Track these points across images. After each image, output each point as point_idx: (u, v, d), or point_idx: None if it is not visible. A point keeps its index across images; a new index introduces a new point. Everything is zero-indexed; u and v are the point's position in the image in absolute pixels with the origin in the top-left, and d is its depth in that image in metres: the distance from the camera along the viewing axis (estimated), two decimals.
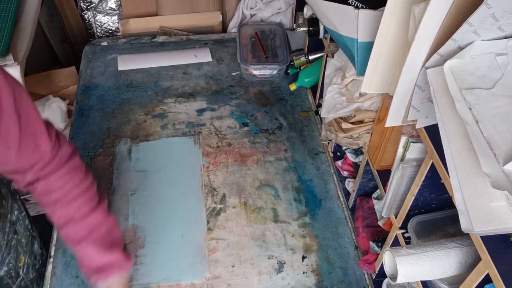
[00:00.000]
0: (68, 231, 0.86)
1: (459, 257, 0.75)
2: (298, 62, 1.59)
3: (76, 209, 0.85)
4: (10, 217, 1.04)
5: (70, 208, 0.84)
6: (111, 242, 0.89)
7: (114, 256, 0.88)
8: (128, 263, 0.91)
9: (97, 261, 0.87)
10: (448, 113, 0.63)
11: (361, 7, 0.90)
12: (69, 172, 0.84)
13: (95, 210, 0.87)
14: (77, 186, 0.84)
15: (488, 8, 0.56)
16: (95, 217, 0.86)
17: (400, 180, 0.89)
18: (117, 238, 0.91)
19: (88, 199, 0.86)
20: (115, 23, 1.89)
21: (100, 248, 0.86)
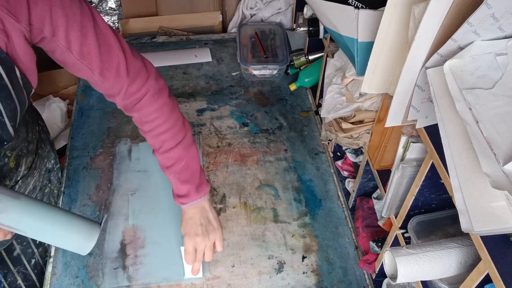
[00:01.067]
0: (157, 157, 1.02)
1: (459, 257, 0.75)
2: (298, 62, 1.59)
3: (161, 143, 0.98)
4: (47, 163, 1.10)
5: (157, 140, 0.98)
6: (187, 176, 1.02)
7: (187, 189, 1.02)
8: (199, 194, 1.03)
9: (175, 190, 1.04)
10: (448, 113, 0.63)
11: (361, 7, 0.90)
12: (159, 108, 0.94)
13: (178, 145, 0.99)
14: (164, 123, 0.96)
15: (488, 8, 0.56)
16: (177, 152, 0.99)
17: (400, 180, 0.89)
18: (193, 172, 1.03)
19: (174, 135, 0.98)
20: (115, 23, 1.89)
21: (178, 180, 1.01)
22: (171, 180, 1.03)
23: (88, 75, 0.83)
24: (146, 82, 0.91)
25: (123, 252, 1.15)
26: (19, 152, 0.95)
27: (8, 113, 0.75)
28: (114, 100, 0.92)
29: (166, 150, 0.98)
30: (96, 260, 1.14)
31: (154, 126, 0.96)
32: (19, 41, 0.71)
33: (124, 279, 1.11)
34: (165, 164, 1.01)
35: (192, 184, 1.02)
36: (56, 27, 0.73)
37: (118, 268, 1.13)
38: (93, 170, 1.33)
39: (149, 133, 0.97)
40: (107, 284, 1.10)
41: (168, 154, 0.99)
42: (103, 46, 0.80)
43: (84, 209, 1.24)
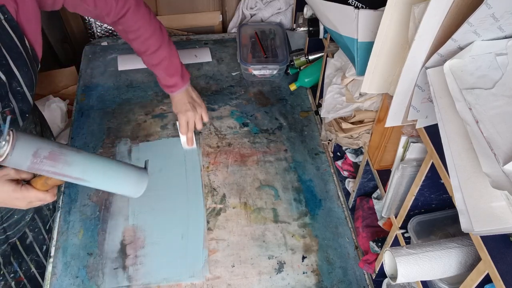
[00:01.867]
0: (143, 59, 1.22)
1: (459, 257, 0.75)
2: (298, 62, 1.59)
3: (147, 46, 1.17)
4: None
5: (143, 45, 1.17)
6: (173, 70, 1.24)
7: (174, 80, 1.26)
8: (184, 82, 1.28)
9: (164, 81, 1.27)
10: (448, 113, 0.63)
11: (361, 7, 0.90)
12: (140, 19, 1.11)
13: (161, 47, 1.18)
14: (146, 30, 1.14)
15: (488, 8, 0.56)
16: (162, 52, 1.19)
17: (400, 180, 0.89)
18: (177, 66, 1.25)
19: (156, 39, 1.16)
20: None
21: (166, 74, 1.24)
22: (159, 74, 1.25)
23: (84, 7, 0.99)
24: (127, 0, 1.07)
25: (123, 252, 1.15)
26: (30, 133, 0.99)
27: (26, 82, 0.80)
28: (104, 20, 1.08)
29: (152, 52, 1.17)
30: (96, 260, 1.14)
31: (139, 34, 1.14)
32: (28, 8, 0.73)
33: (124, 279, 1.11)
34: (153, 62, 1.21)
35: (178, 75, 1.25)
36: None
37: (118, 268, 1.13)
38: None
39: (135, 40, 1.15)
40: (107, 284, 1.10)
41: (154, 54, 1.18)
42: None
43: (84, 209, 1.24)
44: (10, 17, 0.70)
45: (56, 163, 0.76)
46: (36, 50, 0.80)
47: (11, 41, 0.72)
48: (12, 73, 0.74)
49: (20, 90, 0.77)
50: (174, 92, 1.28)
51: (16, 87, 0.76)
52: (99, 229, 1.20)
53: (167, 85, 1.27)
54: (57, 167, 0.76)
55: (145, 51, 1.18)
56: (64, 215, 1.23)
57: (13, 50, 0.73)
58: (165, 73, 1.23)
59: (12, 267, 1.10)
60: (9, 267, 1.09)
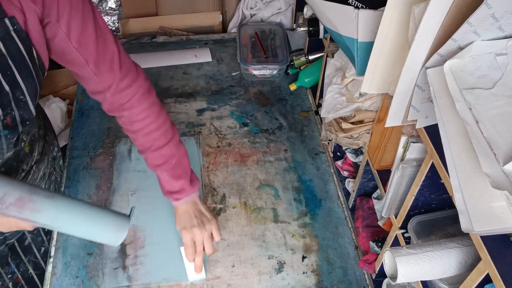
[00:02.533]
0: (147, 157, 1.03)
1: (459, 257, 0.75)
2: (298, 62, 1.59)
3: (153, 141, 0.99)
4: (52, 150, 1.12)
5: (148, 139, 0.99)
6: (180, 172, 1.04)
7: (181, 185, 1.05)
8: (192, 189, 1.07)
9: (168, 187, 1.05)
10: (448, 113, 0.63)
11: (361, 7, 0.90)
12: (149, 107, 0.96)
13: (168, 143, 1.01)
14: (154, 121, 0.98)
15: (488, 8, 0.56)
16: (168, 149, 1.01)
17: (400, 180, 0.89)
18: (185, 168, 1.06)
19: (164, 133, 1.00)
20: (115, 23, 1.89)
21: (171, 177, 1.03)
22: (163, 177, 1.04)
23: (82, 66, 0.84)
24: (137, 79, 0.93)
25: (123, 252, 1.15)
26: (32, 137, 0.96)
27: (30, 92, 0.78)
28: (103, 96, 0.91)
29: (157, 148, 1.00)
30: (96, 260, 1.14)
31: (145, 125, 0.97)
32: (34, 22, 0.74)
33: (124, 279, 1.11)
34: (156, 162, 1.02)
35: (186, 179, 1.05)
36: (61, 12, 0.75)
37: (118, 268, 1.13)
38: (93, 170, 1.33)
39: (139, 132, 0.98)
40: (107, 284, 1.10)
41: (159, 152, 1.00)
42: (100, 38, 0.82)
43: None
44: (19, 28, 0.70)
45: (23, 210, 0.74)
46: (43, 60, 0.80)
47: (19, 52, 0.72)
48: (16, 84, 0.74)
49: (23, 99, 0.77)
50: (180, 200, 1.06)
51: (19, 96, 0.76)
52: None
53: (171, 191, 1.05)
54: (24, 213, 0.74)
55: (150, 146, 1.00)
56: None
57: (20, 62, 0.73)
58: (171, 175, 1.03)
59: (10, 268, 1.09)
60: (7, 268, 1.09)
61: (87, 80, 0.88)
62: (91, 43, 0.81)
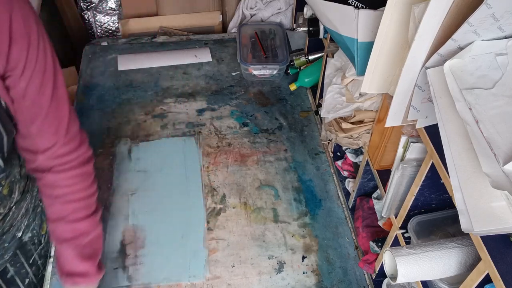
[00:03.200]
0: (56, 228, 0.88)
1: (459, 257, 0.75)
2: (298, 62, 1.59)
3: (72, 211, 0.87)
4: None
5: (67, 208, 0.87)
6: (90, 252, 0.90)
7: (87, 268, 0.90)
8: (97, 277, 0.92)
9: (70, 266, 0.89)
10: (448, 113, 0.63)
11: (361, 7, 0.90)
12: (81, 175, 0.87)
13: (89, 218, 0.89)
14: (82, 191, 0.87)
15: (488, 8, 0.56)
16: (86, 224, 0.89)
17: (400, 180, 0.89)
18: (97, 250, 0.93)
19: (87, 206, 0.89)
20: (115, 23, 1.89)
21: (78, 256, 0.88)
22: (66, 254, 0.89)
23: (26, 124, 0.79)
24: (79, 148, 0.87)
25: (123, 252, 1.15)
26: (12, 178, 0.90)
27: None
28: (34, 157, 0.83)
29: (74, 220, 0.88)
30: None
31: (69, 192, 0.86)
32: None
33: (124, 279, 1.11)
34: (66, 236, 0.88)
35: (93, 264, 0.91)
36: (25, 70, 0.73)
37: (118, 268, 1.13)
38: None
39: (59, 198, 0.86)
40: (107, 284, 1.10)
41: (74, 225, 0.88)
42: (54, 101, 0.79)
43: None
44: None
45: None
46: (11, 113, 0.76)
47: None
48: None
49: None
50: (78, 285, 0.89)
51: None
52: None
53: (72, 272, 0.89)
54: None
55: (65, 216, 0.87)
56: None
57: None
58: (77, 254, 0.88)
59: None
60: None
61: (24, 137, 0.82)
62: (44, 105, 0.78)
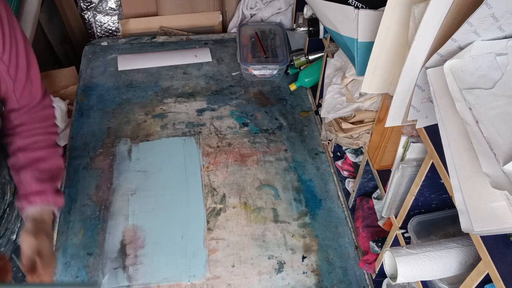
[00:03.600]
0: (18, 158, 0.88)
1: (459, 257, 0.75)
2: (298, 62, 1.59)
3: (32, 142, 0.89)
4: None
5: (28, 140, 0.89)
6: (48, 177, 0.89)
7: (43, 187, 0.88)
8: (54, 197, 0.89)
9: (29, 188, 0.87)
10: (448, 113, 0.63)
11: (361, 7, 0.90)
12: (43, 117, 0.91)
13: (47, 148, 0.91)
14: (42, 128, 0.90)
15: (488, 8, 0.56)
16: (43, 152, 0.90)
17: (400, 180, 0.89)
18: (56, 177, 0.91)
19: (46, 140, 0.91)
20: (115, 23, 1.89)
21: (34, 178, 0.87)
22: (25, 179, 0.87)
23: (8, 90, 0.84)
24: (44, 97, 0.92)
25: (123, 252, 1.15)
26: (3, 180, 0.90)
27: None
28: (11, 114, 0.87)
29: (33, 149, 0.88)
30: (96, 260, 1.14)
31: (30, 128, 0.89)
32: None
33: (124, 279, 1.11)
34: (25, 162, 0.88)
35: (51, 186, 0.89)
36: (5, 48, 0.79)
37: (118, 268, 1.13)
38: (93, 170, 1.33)
39: (21, 133, 0.88)
40: (107, 284, 1.10)
41: (33, 153, 0.88)
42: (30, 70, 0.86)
43: (84, 209, 1.24)
44: None
45: None
46: None
47: None
48: None
49: None
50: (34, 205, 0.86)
51: None
52: (99, 229, 1.20)
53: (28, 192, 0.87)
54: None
55: (24, 146, 0.88)
56: (64, 215, 1.23)
57: None
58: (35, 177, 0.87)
59: None
60: None
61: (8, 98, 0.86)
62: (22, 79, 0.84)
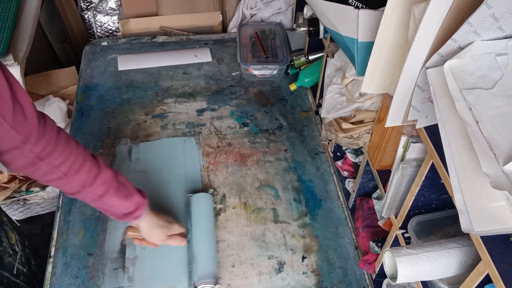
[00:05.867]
0: (86, 194, 0.93)
1: (459, 257, 0.75)
2: (298, 62, 1.59)
3: (87, 173, 0.91)
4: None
5: (81, 175, 0.90)
6: (126, 189, 0.98)
7: (135, 201, 1.00)
8: (145, 199, 1.03)
9: (123, 209, 0.99)
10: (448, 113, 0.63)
11: (361, 7, 0.90)
12: (66, 145, 0.88)
13: (101, 168, 0.94)
14: (78, 155, 0.89)
15: (488, 8, 0.56)
16: (104, 174, 0.93)
17: (400, 180, 0.89)
18: (126, 183, 1.00)
19: (92, 162, 0.92)
20: (115, 23, 1.89)
21: (121, 199, 0.97)
22: (113, 203, 0.96)
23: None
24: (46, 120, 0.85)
25: (123, 252, 1.15)
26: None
27: None
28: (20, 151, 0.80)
29: (94, 178, 0.92)
30: (96, 260, 1.14)
31: (72, 162, 0.88)
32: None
33: (124, 280, 1.11)
34: (100, 192, 0.93)
35: (136, 194, 1.01)
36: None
37: (118, 268, 1.13)
38: None
39: (69, 172, 0.88)
40: (107, 284, 1.10)
41: (98, 181, 0.92)
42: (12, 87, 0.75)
43: (84, 209, 1.24)
44: None
45: None
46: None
47: None
48: None
49: None
50: (141, 217, 1.03)
51: None
52: (99, 229, 1.20)
53: (127, 212, 1.00)
54: None
55: (86, 180, 0.91)
56: (64, 215, 1.23)
57: None
58: (121, 197, 0.97)
59: None
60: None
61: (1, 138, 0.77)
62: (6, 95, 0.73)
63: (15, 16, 1.42)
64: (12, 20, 1.41)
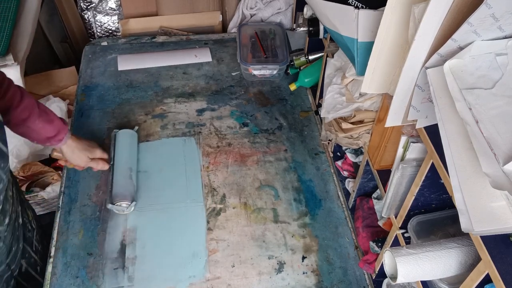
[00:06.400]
0: (11, 118, 1.01)
1: (459, 257, 0.75)
2: (298, 62, 1.59)
3: (11, 99, 1.00)
4: None
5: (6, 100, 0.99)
6: (48, 116, 1.07)
7: (57, 125, 1.09)
8: (66, 125, 1.12)
9: (46, 132, 1.07)
10: (448, 113, 0.63)
11: (361, 7, 0.90)
12: None
13: (24, 94, 1.03)
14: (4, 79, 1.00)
15: (488, 8, 0.56)
16: (27, 100, 1.03)
17: (400, 180, 0.89)
18: (50, 112, 1.09)
19: (16, 88, 1.02)
20: (115, 23, 1.89)
21: (44, 123, 1.06)
22: (36, 126, 1.04)
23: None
24: None
25: (123, 252, 1.15)
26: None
27: None
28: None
29: (18, 102, 1.01)
30: (96, 260, 1.14)
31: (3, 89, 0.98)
32: None
33: (124, 280, 1.11)
34: (23, 116, 1.02)
35: (57, 120, 1.10)
36: None
37: (118, 268, 1.13)
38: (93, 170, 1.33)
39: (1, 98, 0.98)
40: (107, 284, 1.10)
41: (22, 105, 1.01)
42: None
43: (84, 209, 1.24)
44: None
45: None
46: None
47: None
48: None
49: None
50: (63, 140, 1.12)
51: None
52: (99, 229, 1.20)
53: (50, 136, 1.09)
54: None
55: (10, 104, 1.00)
56: (64, 215, 1.23)
57: None
58: (43, 121, 1.06)
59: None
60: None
61: None
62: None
63: (15, 16, 1.43)
64: (12, 20, 1.41)
